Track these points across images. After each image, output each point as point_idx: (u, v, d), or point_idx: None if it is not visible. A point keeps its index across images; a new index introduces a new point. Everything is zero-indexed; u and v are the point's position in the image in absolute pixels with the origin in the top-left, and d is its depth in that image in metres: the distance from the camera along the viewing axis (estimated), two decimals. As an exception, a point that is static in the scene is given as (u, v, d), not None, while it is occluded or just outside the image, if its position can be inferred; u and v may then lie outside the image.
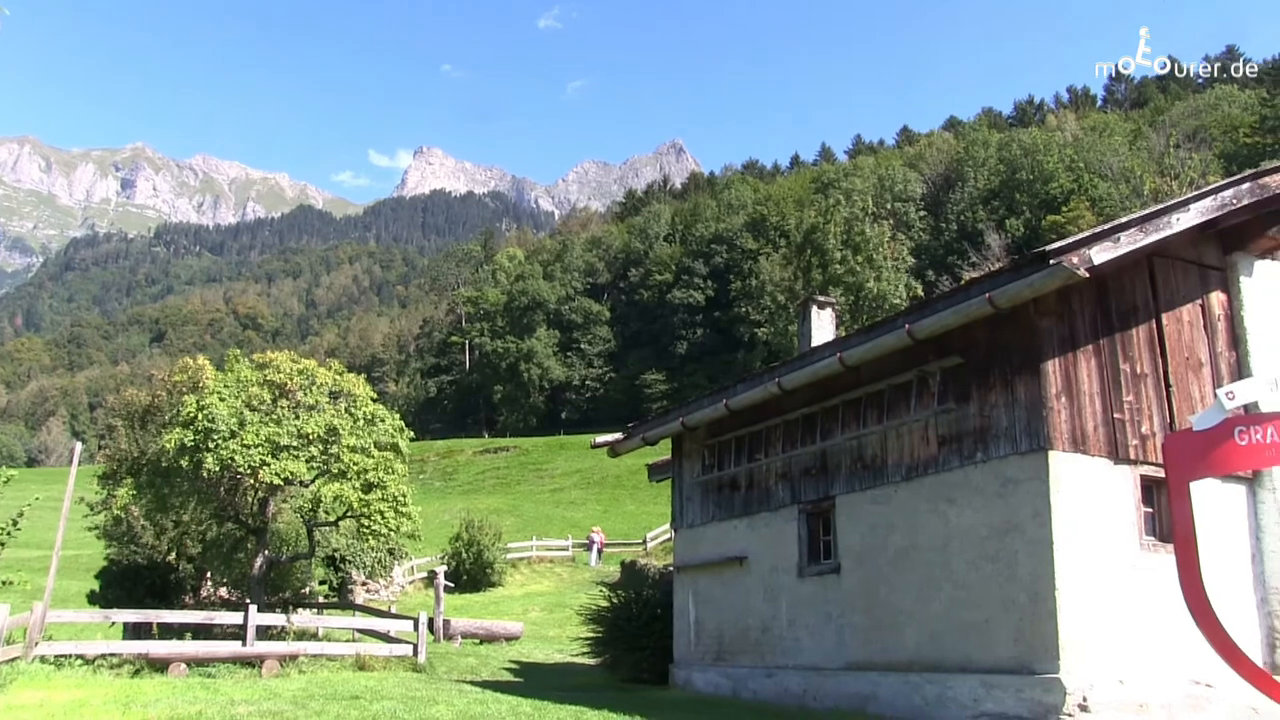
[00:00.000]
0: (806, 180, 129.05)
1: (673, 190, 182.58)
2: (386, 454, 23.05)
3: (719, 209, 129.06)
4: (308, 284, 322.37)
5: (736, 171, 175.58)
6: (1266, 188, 11.58)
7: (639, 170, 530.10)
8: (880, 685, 11.60)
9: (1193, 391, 11.13)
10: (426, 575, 38.81)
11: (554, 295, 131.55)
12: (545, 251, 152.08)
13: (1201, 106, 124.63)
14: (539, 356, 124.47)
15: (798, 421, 13.62)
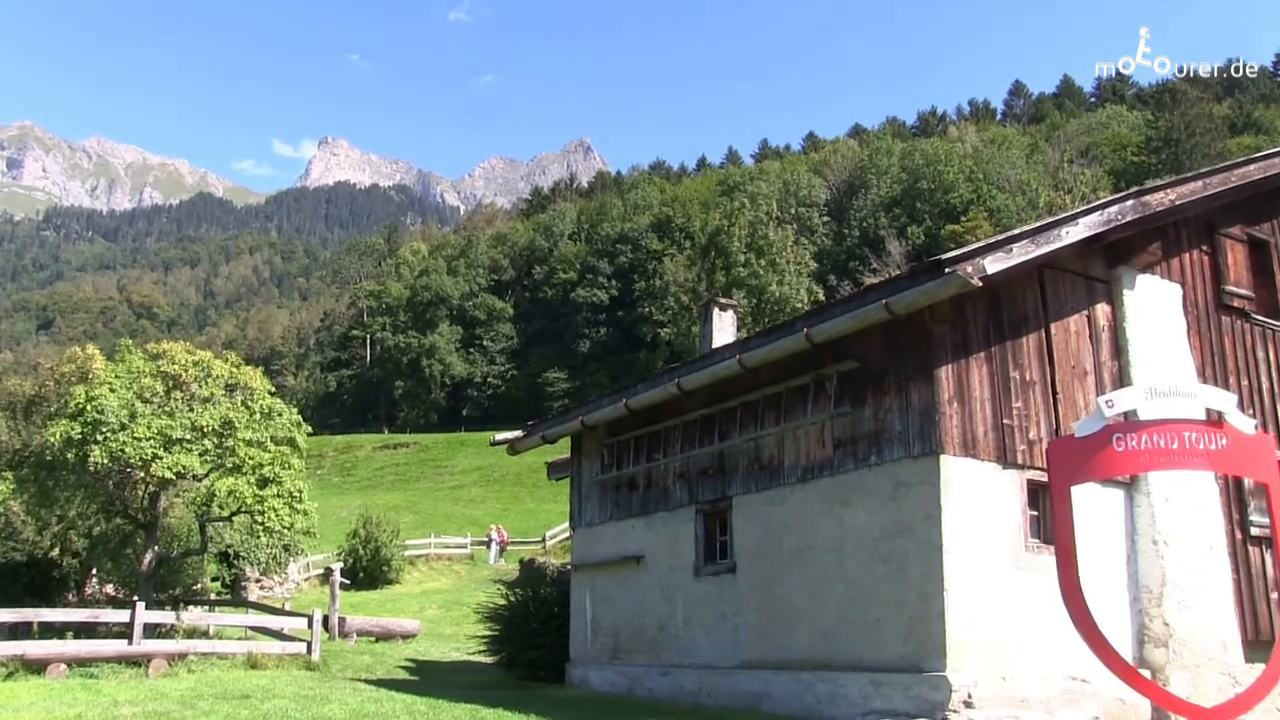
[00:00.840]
0: (713, 183, 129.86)
1: (579, 189, 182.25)
2: (283, 448, 22.64)
3: (625, 209, 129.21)
4: (206, 273, 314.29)
5: (643, 172, 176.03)
6: (1149, 205, 12.03)
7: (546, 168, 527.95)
8: (773, 684, 11.76)
9: (1078, 399, 11.50)
10: (322, 572, 38.20)
11: (457, 291, 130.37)
12: (450, 247, 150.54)
13: (1094, 124, 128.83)
14: (441, 352, 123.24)
15: (696, 422, 13.73)
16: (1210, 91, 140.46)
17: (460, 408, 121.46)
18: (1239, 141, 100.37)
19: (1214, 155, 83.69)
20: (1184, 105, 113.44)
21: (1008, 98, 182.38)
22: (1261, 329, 13.97)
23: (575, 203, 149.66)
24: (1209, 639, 11.58)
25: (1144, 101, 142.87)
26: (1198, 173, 13.53)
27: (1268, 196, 14.66)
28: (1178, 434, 7.50)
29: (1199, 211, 13.37)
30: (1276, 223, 14.83)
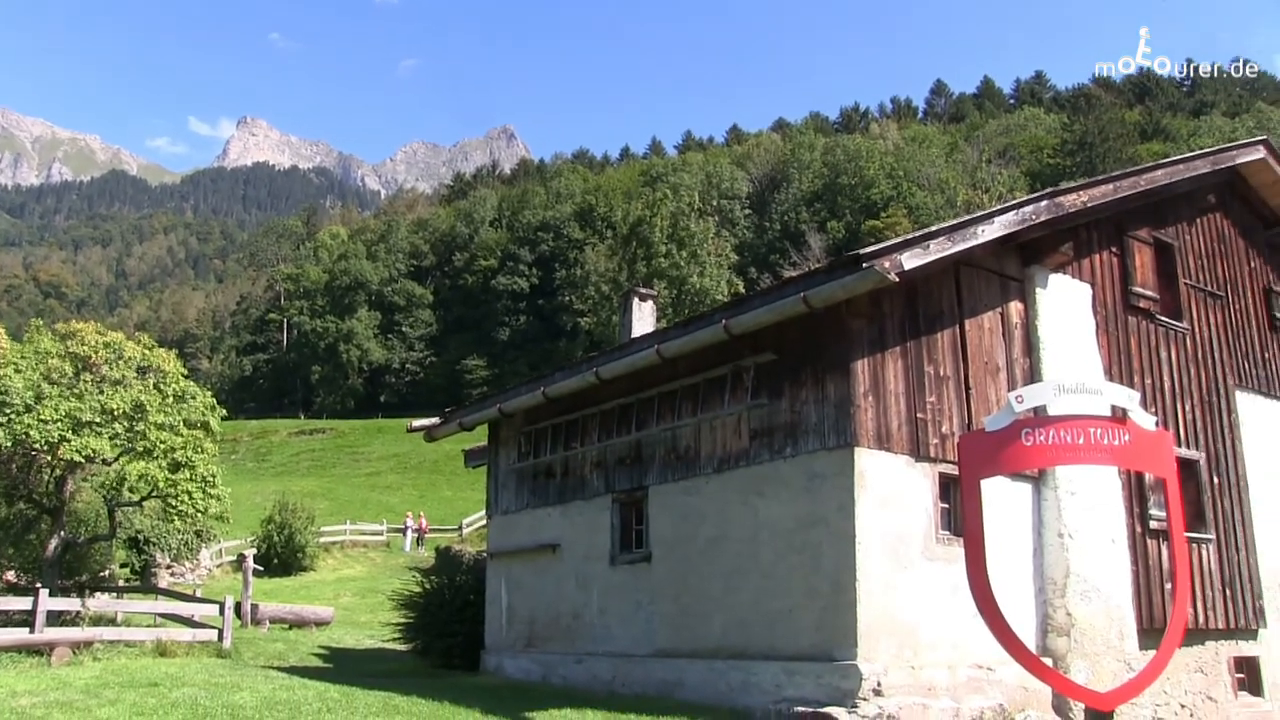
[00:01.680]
0: (636, 173, 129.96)
1: (502, 176, 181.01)
2: (196, 433, 22.15)
3: (547, 197, 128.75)
4: (118, 253, 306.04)
5: (567, 160, 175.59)
6: (1062, 206, 12.31)
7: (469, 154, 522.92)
8: (687, 672, 11.83)
9: (990, 395, 11.72)
10: (236, 559, 37.50)
11: (377, 276, 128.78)
12: (370, 231, 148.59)
13: (1012, 126, 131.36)
14: (359, 338, 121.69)
15: (614, 411, 13.73)
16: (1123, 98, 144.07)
17: (378, 394, 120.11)
18: (1149, 148, 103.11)
19: (1125, 160, 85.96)
20: (1098, 110, 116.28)
21: (929, 97, 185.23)
22: (1165, 330, 14.39)
23: (497, 190, 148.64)
24: (1108, 628, 11.92)
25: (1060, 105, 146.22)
26: (1109, 176, 13.87)
27: (1173, 201, 15.11)
28: (1083, 430, 7.68)
29: (1109, 214, 13.72)
30: (1181, 227, 15.29)
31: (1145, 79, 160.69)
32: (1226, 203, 16.28)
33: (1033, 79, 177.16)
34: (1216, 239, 15.96)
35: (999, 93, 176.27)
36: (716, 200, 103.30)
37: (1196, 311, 15.11)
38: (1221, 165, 15.74)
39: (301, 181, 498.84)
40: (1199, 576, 13.64)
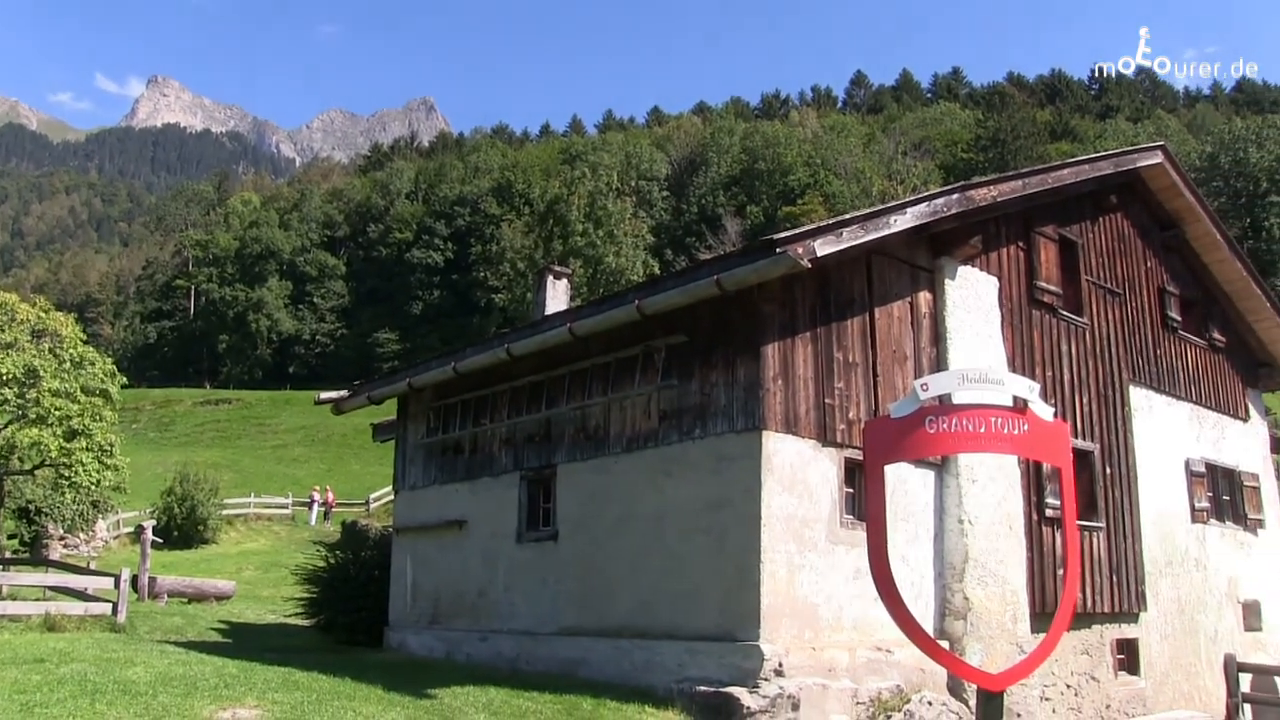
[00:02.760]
0: (555, 150, 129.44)
1: (420, 148, 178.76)
2: (94, 400, 21.60)
3: (465, 171, 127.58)
4: (15, 211, 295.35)
5: (486, 135, 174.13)
6: (973, 200, 12.54)
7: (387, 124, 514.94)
8: (591, 650, 11.86)
9: (897, 382, 11.91)
10: (133, 530, 36.65)
11: (289, 245, 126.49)
12: (283, 199, 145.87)
13: (928, 119, 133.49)
14: (269, 307, 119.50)
15: (525, 389, 13.67)
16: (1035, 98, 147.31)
17: (287, 365, 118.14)
18: (1058, 147, 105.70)
19: (1035, 158, 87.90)
20: (1011, 109, 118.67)
21: (849, 87, 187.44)
22: (1067, 324, 14.79)
23: (415, 162, 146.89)
24: (1003, 612, 12.24)
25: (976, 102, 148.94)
26: (1018, 172, 14.19)
27: (1078, 200, 15.51)
28: (985, 419, 7.83)
29: (1018, 210, 14.03)
30: (1085, 225, 15.71)
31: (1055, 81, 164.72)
32: (1127, 204, 16.76)
33: (950, 74, 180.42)
34: (1117, 238, 16.44)
35: (917, 86, 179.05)
36: (635, 181, 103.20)
37: (1096, 308, 15.55)
38: (1123, 168, 16.21)
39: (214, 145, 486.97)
40: (1089, 563, 14.10)
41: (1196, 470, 17.06)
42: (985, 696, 7.88)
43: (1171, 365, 17.15)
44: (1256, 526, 18.51)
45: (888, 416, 8.04)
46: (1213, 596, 16.86)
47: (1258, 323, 19.14)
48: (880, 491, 7.80)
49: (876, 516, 7.79)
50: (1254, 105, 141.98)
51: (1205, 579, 16.78)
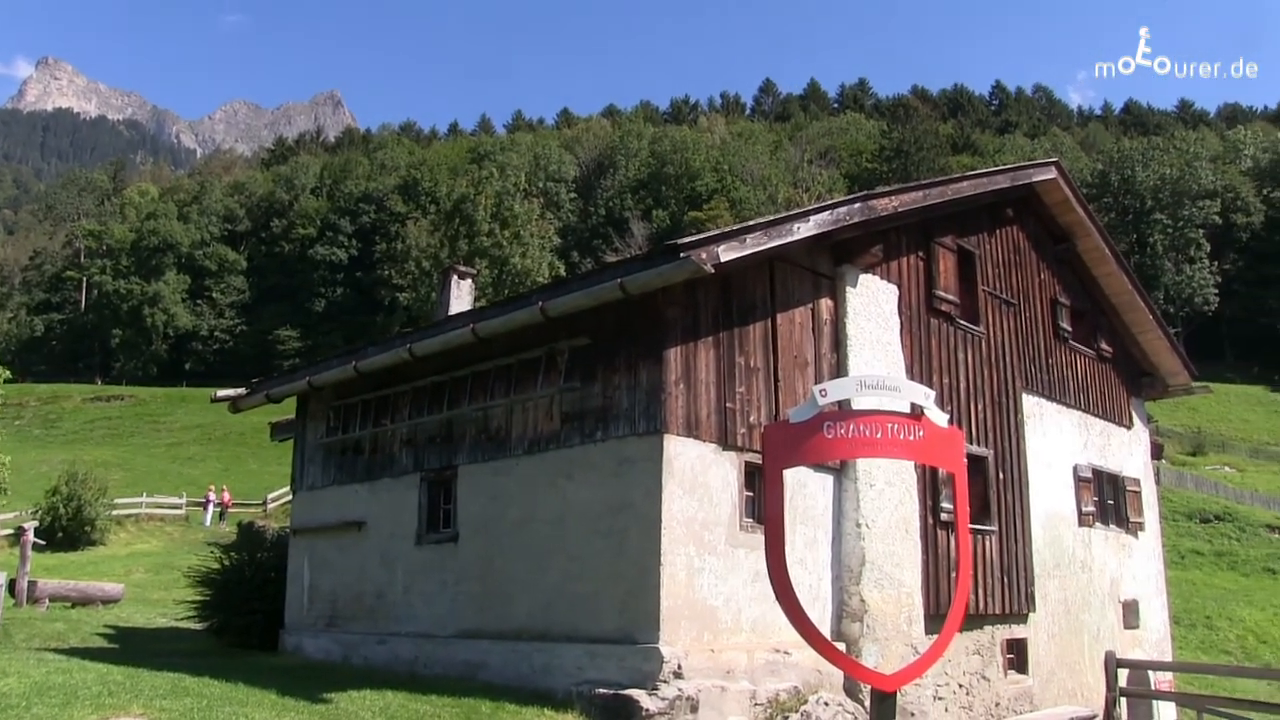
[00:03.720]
0: (464, 149, 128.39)
1: (326, 143, 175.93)
2: (-27, 394, 20.77)
3: (371, 167, 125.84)
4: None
5: (393, 131, 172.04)
6: (874, 209, 12.77)
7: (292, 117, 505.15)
8: (490, 653, 11.79)
9: (797, 387, 12.06)
10: (13, 532, 35.34)
11: (188, 238, 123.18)
12: (182, 191, 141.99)
13: (834, 129, 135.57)
14: (165, 302, 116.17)
15: (427, 389, 13.53)
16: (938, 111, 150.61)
17: (183, 361, 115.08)
18: (959, 160, 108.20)
19: (937, 170, 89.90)
20: (915, 121, 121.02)
21: (758, 94, 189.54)
22: (963, 333, 15.13)
23: (320, 157, 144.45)
24: (898, 614, 12.49)
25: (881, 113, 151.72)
26: (919, 183, 14.48)
27: (976, 212, 15.90)
28: (882, 425, 7.98)
29: (918, 220, 14.33)
30: (982, 237, 16.10)
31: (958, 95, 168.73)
32: (1023, 217, 17.22)
33: (856, 85, 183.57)
34: (1013, 250, 16.87)
35: (824, 96, 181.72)
36: (543, 182, 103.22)
37: (992, 317, 15.94)
38: (1020, 182, 16.65)
39: (109, 133, 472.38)
40: (982, 565, 14.44)
41: (1084, 475, 17.59)
42: (878, 696, 8.03)
43: (1062, 374, 17.66)
44: (1137, 529, 19.18)
45: (787, 421, 8.14)
46: (1096, 597, 17.41)
47: (1141, 334, 19.82)
48: (779, 495, 7.90)
49: (775, 519, 7.88)
50: (1140, 126, 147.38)
51: (1090, 580, 17.33)
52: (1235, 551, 48.13)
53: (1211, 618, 35.93)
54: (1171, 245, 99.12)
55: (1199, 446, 73.40)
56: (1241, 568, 46.14)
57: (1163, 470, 45.99)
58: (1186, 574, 41.32)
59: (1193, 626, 34.13)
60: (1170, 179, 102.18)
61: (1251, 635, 35.10)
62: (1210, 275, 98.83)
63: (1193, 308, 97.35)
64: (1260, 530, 51.61)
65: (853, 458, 11.49)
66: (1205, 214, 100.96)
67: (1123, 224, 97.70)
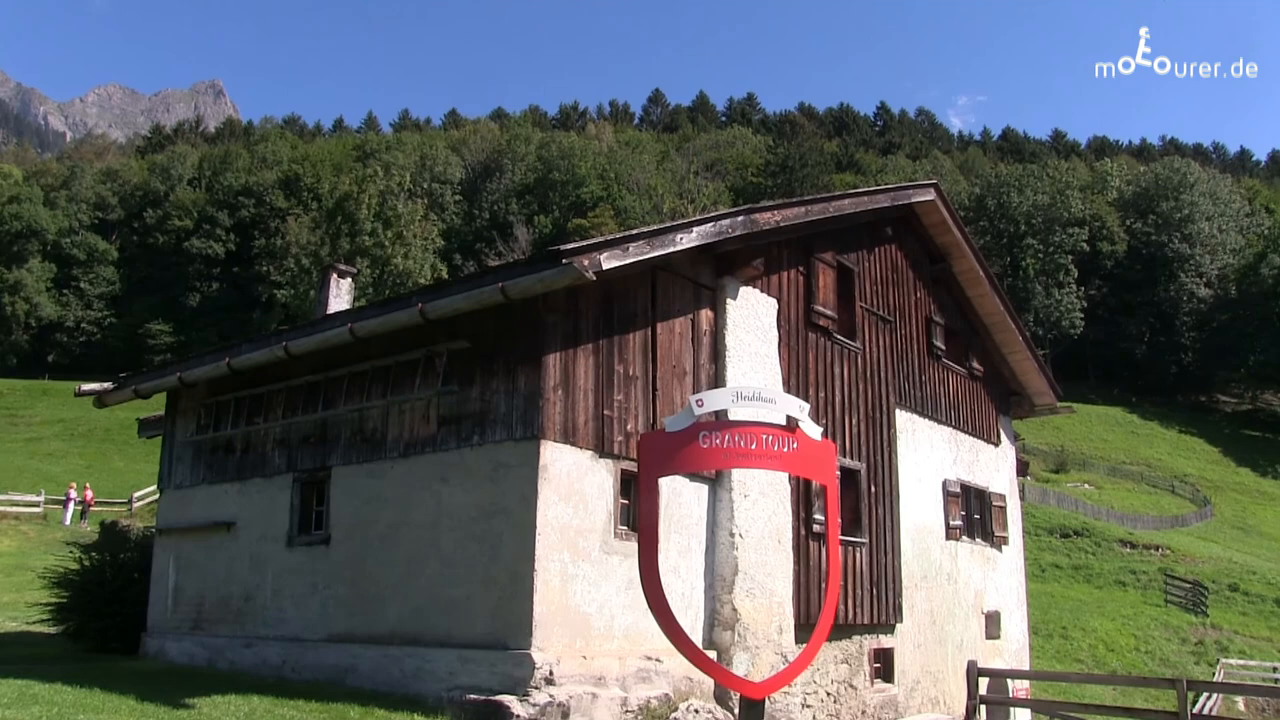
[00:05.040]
0: (348, 146, 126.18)
1: (205, 133, 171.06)
2: None
3: (252, 161, 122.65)
4: None
5: (276, 125, 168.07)
6: (757, 222, 12.96)
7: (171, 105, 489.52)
8: (361, 658, 11.61)
9: (675, 397, 12.15)
10: None
11: (55, 225, 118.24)
12: (50, 175, 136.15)
13: (721, 142, 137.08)
14: (28, 290, 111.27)
15: (302, 388, 13.27)
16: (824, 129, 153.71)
17: (46, 353, 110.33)
18: (842, 178, 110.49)
19: (821, 186, 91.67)
20: (801, 137, 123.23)
21: (647, 104, 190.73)
22: (840, 348, 15.45)
23: (199, 147, 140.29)
24: (769, 623, 12.66)
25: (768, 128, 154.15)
26: (802, 199, 14.75)
27: (857, 230, 16.26)
28: (757, 436, 8.11)
29: (800, 235, 14.59)
30: (862, 254, 16.47)
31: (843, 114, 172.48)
32: (901, 236, 17.67)
33: (744, 100, 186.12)
34: (891, 268, 17.30)
35: (713, 108, 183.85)
36: (428, 183, 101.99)
37: (869, 333, 16.32)
38: (900, 201, 17.09)
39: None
40: (852, 577, 14.76)
41: (952, 490, 18.12)
42: (747, 704, 8.15)
43: (935, 391, 18.17)
44: (1001, 543, 19.83)
45: (663, 430, 8.21)
46: (961, 608, 17.95)
47: (1011, 354, 20.52)
48: (654, 504, 7.96)
49: (649, 528, 7.94)
50: (1016, 154, 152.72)
51: (955, 592, 17.85)
52: (1091, 565, 50.15)
53: (1067, 628, 37.37)
54: (1042, 270, 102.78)
55: (1062, 464, 76.27)
56: (1096, 580, 48.10)
57: (1027, 487, 47.72)
58: (1046, 586, 42.87)
59: (1050, 636, 35.42)
60: (1043, 206, 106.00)
61: (1102, 644, 36.62)
62: (1077, 300, 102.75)
63: (1060, 331, 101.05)
64: (1114, 545, 53.93)
65: (727, 468, 11.64)
66: (1074, 241, 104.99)
67: (997, 247, 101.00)
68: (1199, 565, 51.32)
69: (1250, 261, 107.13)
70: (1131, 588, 47.11)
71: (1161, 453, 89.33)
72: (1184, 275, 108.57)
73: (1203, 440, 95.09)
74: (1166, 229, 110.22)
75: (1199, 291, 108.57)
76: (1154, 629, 39.95)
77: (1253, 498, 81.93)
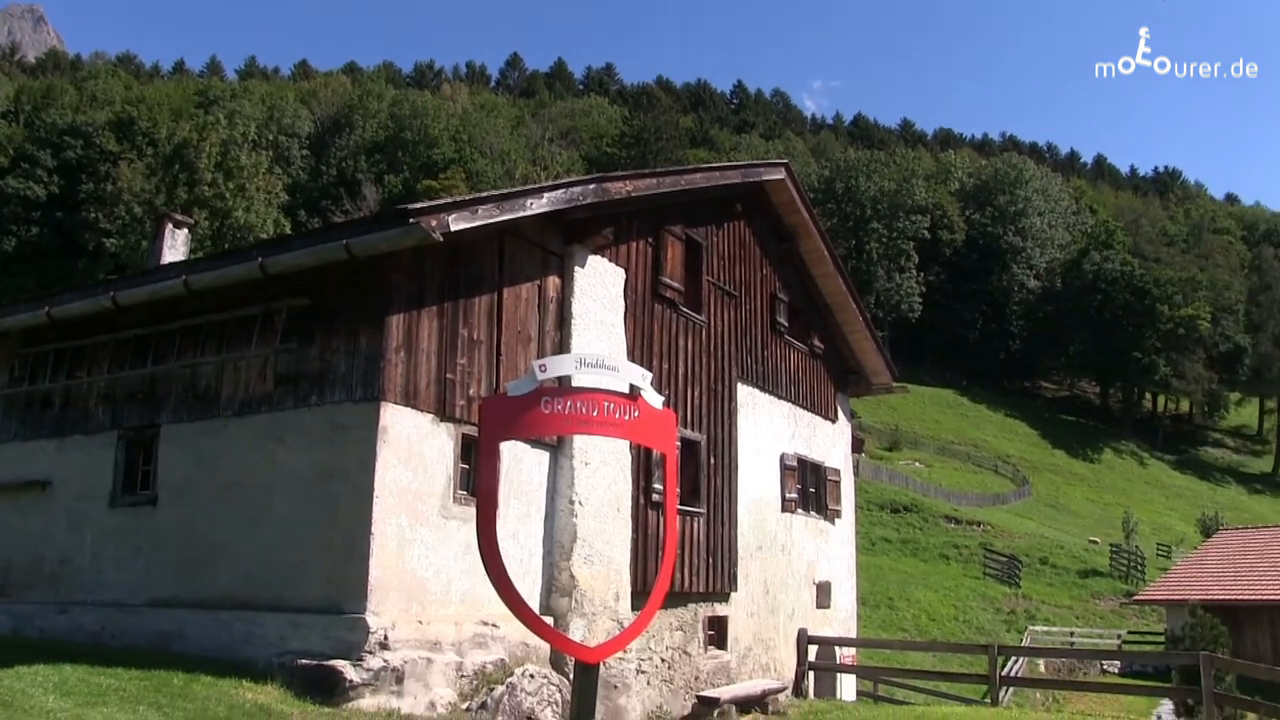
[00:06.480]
0: (189, 91, 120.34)
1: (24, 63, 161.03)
2: None
3: (80, 98, 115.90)
4: None
5: (108, 61, 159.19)
6: (608, 191, 12.98)
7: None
8: (187, 623, 11.21)
9: (519, 362, 12.09)
10: None
11: None
12: None
13: (578, 110, 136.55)
14: None
15: (130, 342, 12.67)
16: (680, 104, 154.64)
17: None
18: (696, 153, 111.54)
19: (674, 160, 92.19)
20: (657, 111, 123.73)
21: (504, 68, 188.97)
22: (686, 320, 15.63)
23: (16, 78, 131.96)
24: (606, 590, 12.78)
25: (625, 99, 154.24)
26: (654, 171, 14.86)
27: (707, 205, 16.44)
28: (599, 403, 8.10)
29: (650, 207, 14.68)
30: (711, 229, 16.66)
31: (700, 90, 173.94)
32: (751, 213, 17.94)
33: (603, 69, 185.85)
34: (738, 244, 17.56)
35: (570, 77, 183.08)
36: (275, 135, 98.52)
37: (714, 307, 16.54)
38: (750, 179, 17.35)
39: None
40: (689, 546, 15.00)
41: (790, 464, 18.57)
42: (581, 668, 8.18)
43: (776, 367, 18.56)
44: (835, 516, 20.46)
45: (505, 394, 8.14)
46: (794, 578, 18.46)
47: (851, 334, 21.11)
48: (493, 468, 7.89)
49: (488, 493, 7.87)
50: (866, 140, 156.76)
51: (789, 562, 18.34)
52: (918, 539, 52.29)
53: (893, 598, 38.95)
54: (885, 254, 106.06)
55: (895, 443, 79.05)
56: (922, 554, 50.21)
57: (861, 463, 49.36)
58: (875, 559, 44.47)
59: (877, 606, 36.82)
60: (889, 192, 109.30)
61: (925, 614, 38.34)
62: (916, 285, 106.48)
63: (899, 314, 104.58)
64: (940, 521, 56.31)
65: (568, 434, 11.66)
66: (917, 228, 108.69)
67: (844, 230, 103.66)
68: (1015, 540, 54.13)
69: (1074, 257, 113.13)
70: (954, 561, 49.36)
71: (988, 434, 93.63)
72: (1016, 267, 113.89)
73: (1025, 423, 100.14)
74: (1002, 221, 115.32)
75: (1028, 283, 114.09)
76: (972, 599, 42.03)
77: (1065, 478, 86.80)
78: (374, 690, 9.62)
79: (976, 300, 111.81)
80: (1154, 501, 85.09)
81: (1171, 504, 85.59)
